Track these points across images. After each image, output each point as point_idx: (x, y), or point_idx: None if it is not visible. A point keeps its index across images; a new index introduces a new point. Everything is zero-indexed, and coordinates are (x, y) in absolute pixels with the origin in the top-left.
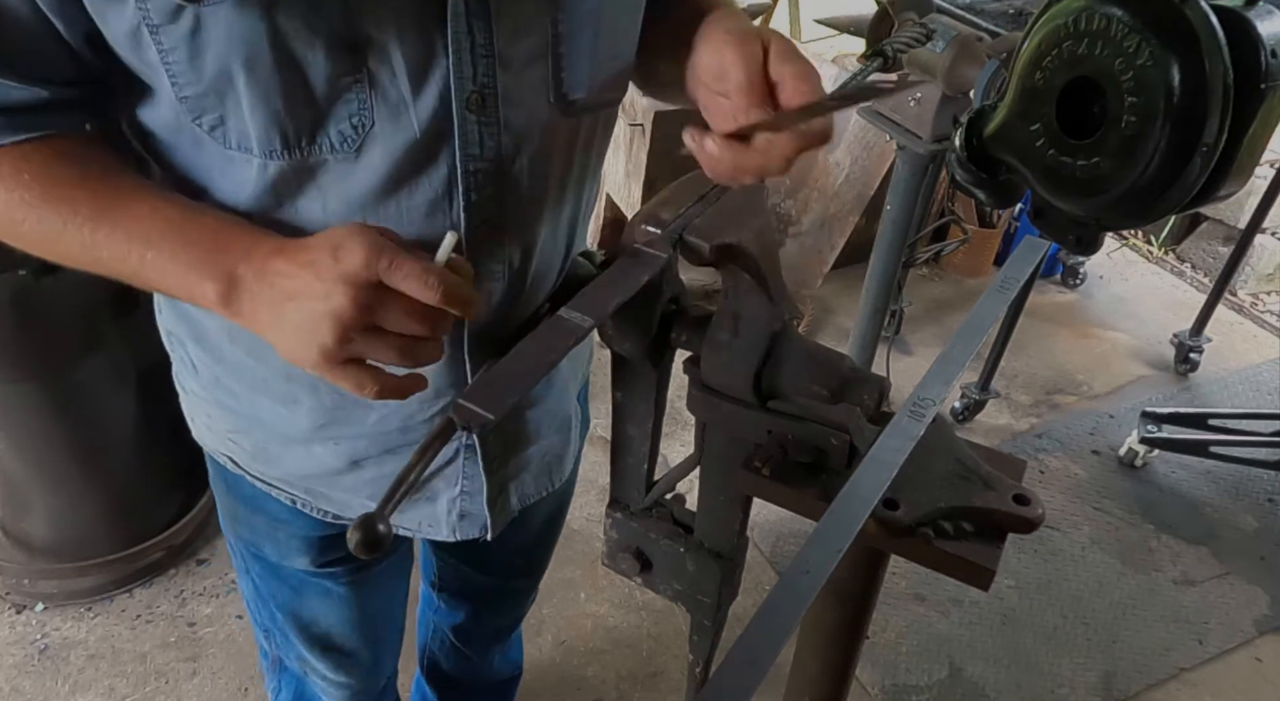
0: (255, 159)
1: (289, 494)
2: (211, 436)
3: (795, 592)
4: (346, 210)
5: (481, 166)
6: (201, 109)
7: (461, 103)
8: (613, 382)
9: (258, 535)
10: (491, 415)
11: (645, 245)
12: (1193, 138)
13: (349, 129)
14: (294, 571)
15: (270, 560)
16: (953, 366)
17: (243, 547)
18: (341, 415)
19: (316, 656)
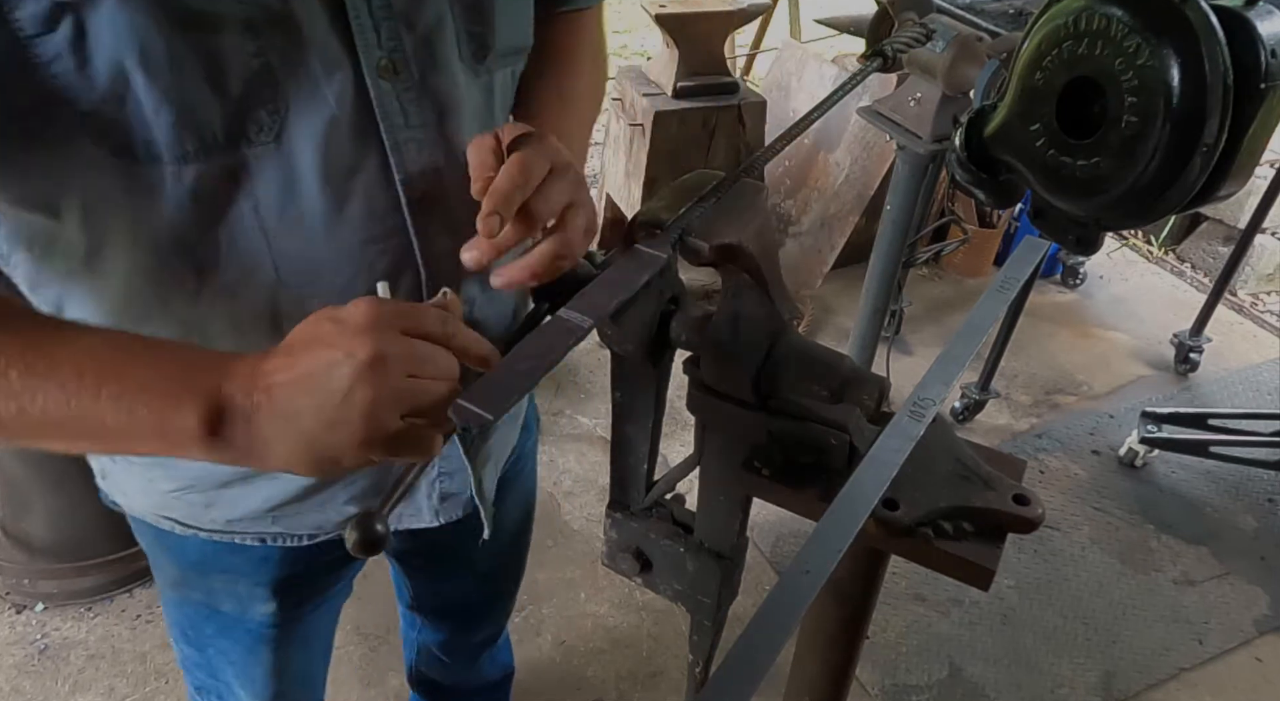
0: (168, 167)
1: (255, 534)
2: (149, 501)
3: (795, 592)
4: (280, 209)
5: (411, 137)
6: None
7: (373, 71)
8: (613, 383)
9: (214, 594)
10: (491, 415)
11: (645, 245)
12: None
13: (265, 116)
14: (255, 625)
15: (226, 619)
16: (953, 366)
17: (192, 612)
18: None
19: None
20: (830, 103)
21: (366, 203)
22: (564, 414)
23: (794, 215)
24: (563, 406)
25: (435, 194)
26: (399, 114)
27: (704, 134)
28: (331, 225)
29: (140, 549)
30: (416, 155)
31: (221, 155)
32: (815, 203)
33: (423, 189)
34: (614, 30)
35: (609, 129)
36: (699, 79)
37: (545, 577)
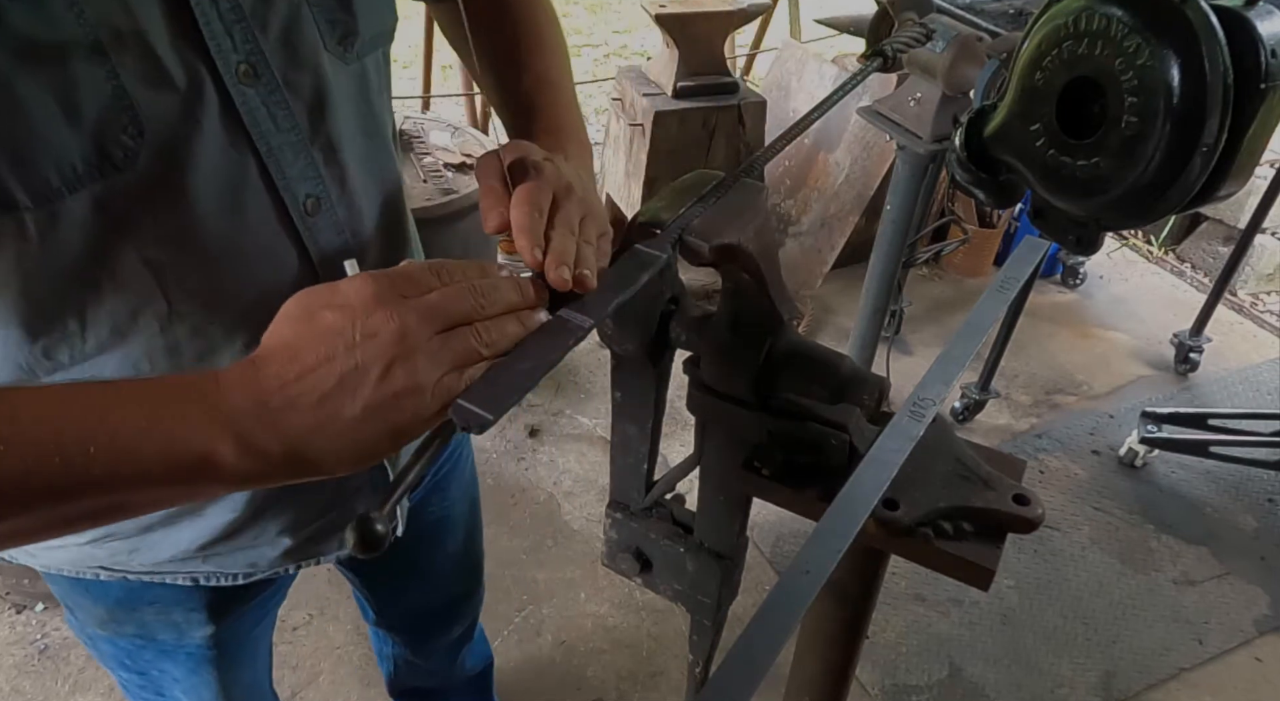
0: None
1: (187, 573)
2: (64, 555)
3: (795, 592)
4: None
5: (285, 141)
6: None
7: (233, 78)
8: (612, 383)
9: (147, 626)
10: (491, 416)
11: (645, 245)
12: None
13: (127, 140)
14: (194, 647)
15: (166, 644)
16: (953, 366)
17: (126, 643)
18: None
19: None
20: (830, 103)
21: (255, 216)
22: (564, 414)
23: (794, 215)
24: (563, 406)
25: (321, 195)
26: (268, 119)
27: (704, 134)
28: (222, 246)
29: None
30: (294, 158)
31: (86, 190)
32: (815, 203)
33: (306, 192)
34: (614, 30)
35: (609, 129)
36: (699, 79)
37: (545, 577)
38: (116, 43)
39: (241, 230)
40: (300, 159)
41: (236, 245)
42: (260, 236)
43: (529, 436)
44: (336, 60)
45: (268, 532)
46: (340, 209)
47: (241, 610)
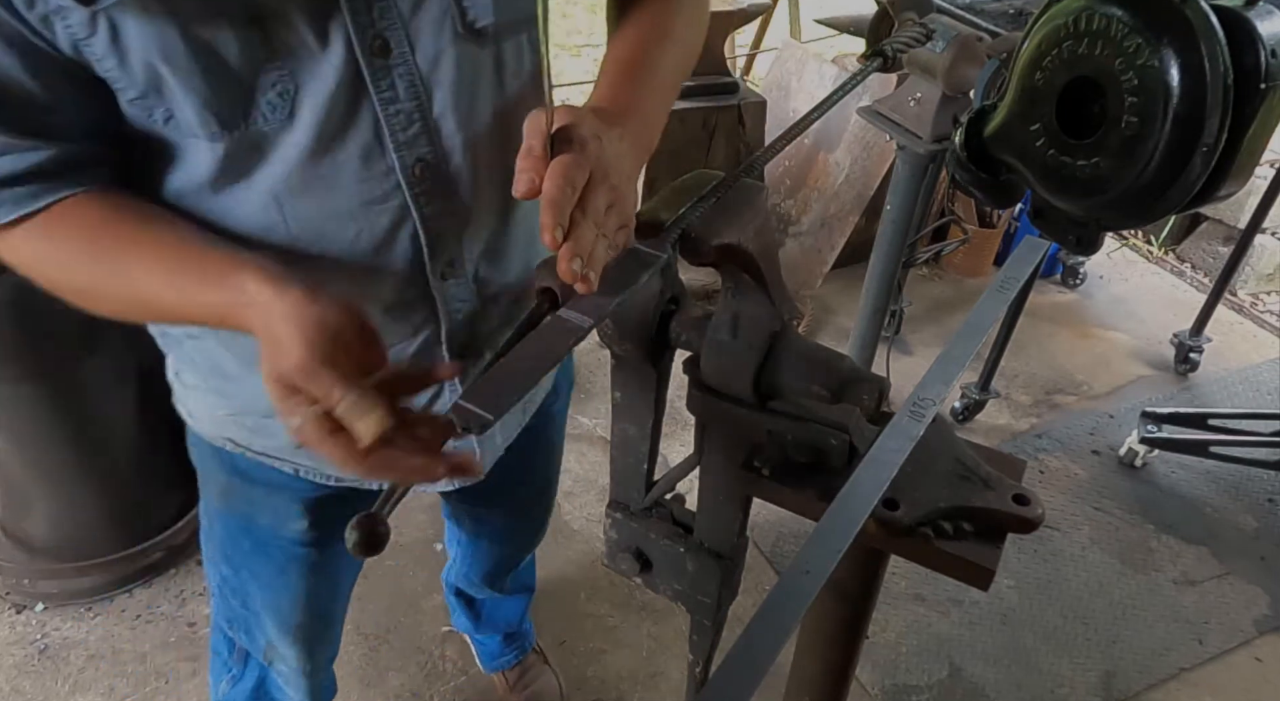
0: (203, 142)
1: (292, 463)
2: (211, 424)
3: (795, 592)
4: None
5: (402, 108)
6: (149, 108)
7: (366, 50)
8: (612, 383)
9: (254, 505)
10: (491, 416)
11: (645, 245)
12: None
13: (276, 98)
14: (287, 542)
15: (263, 532)
16: (953, 366)
17: (233, 524)
18: None
19: (288, 640)
20: (830, 103)
21: (364, 170)
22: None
23: (794, 215)
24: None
25: (427, 159)
26: (389, 89)
27: (704, 134)
28: (333, 191)
29: (140, 549)
30: (406, 125)
31: (240, 133)
32: (815, 203)
33: (415, 155)
34: None
35: None
36: (699, 79)
37: (545, 576)
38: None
39: (353, 177)
40: (414, 127)
41: (347, 190)
42: (370, 188)
43: None
44: (468, 42)
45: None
46: (451, 179)
47: (334, 518)
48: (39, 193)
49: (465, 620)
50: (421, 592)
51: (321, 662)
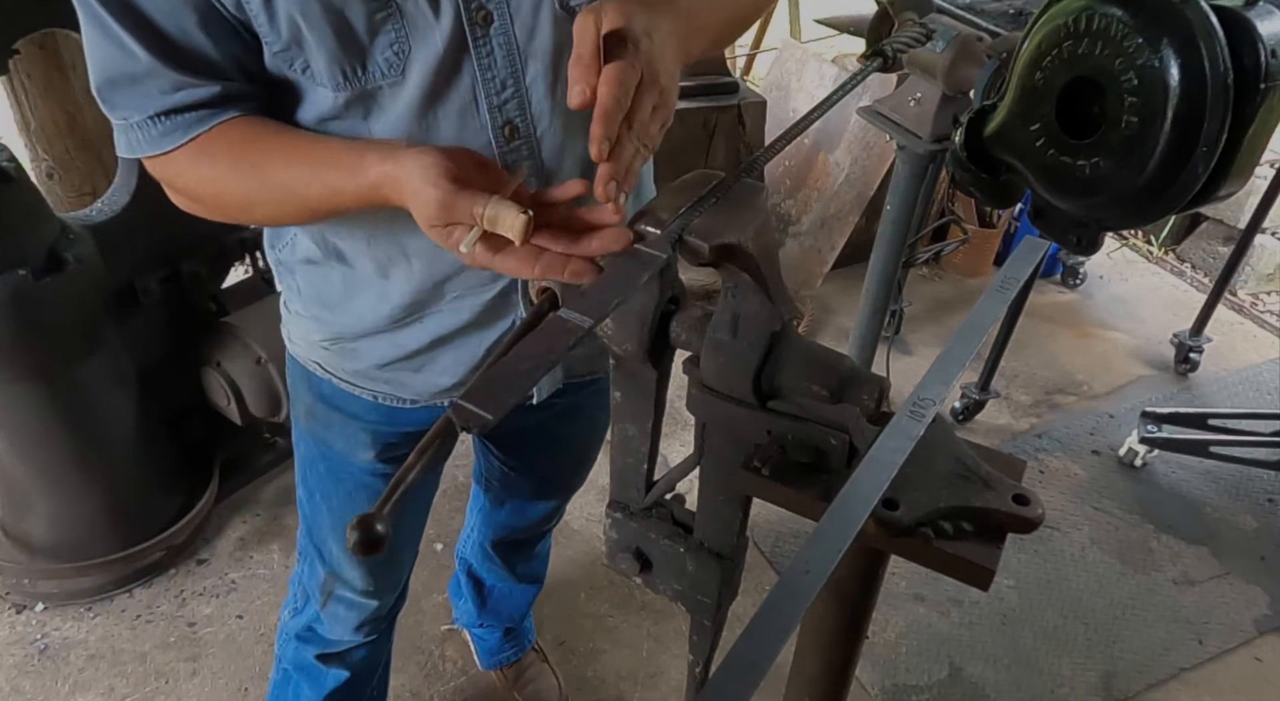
0: (328, 91)
1: (370, 390)
2: (306, 347)
3: (795, 592)
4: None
5: (498, 75)
6: (290, 59)
7: (471, 19)
8: (612, 382)
9: (330, 430)
10: (490, 415)
11: (645, 245)
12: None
13: (392, 56)
14: (356, 469)
15: (337, 456)
16: (953, 366)
17: (312, 447)
18: (424, 296)
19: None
20: (830, 103)
21: (460, 129)
22: None
23: (794, 215)
24: None
25: (515, 123)
26: (487, 56)
27: (704, 134)
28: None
29: (140, 548)
30: (500, 91)
31: (359, 85)
32: (815, 203)
33: (504, 118)
34: None
35: None
36: (699, 79)
37: (546, 577)
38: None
39: (449, 134)
40: (507, 90)
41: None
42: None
43: None
44: (562, 13)
45: (438, 363)
46: (536, 143)
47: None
48: (205, 117)
49: (470, 608)
50: (421, 592)
51: (384, 590)
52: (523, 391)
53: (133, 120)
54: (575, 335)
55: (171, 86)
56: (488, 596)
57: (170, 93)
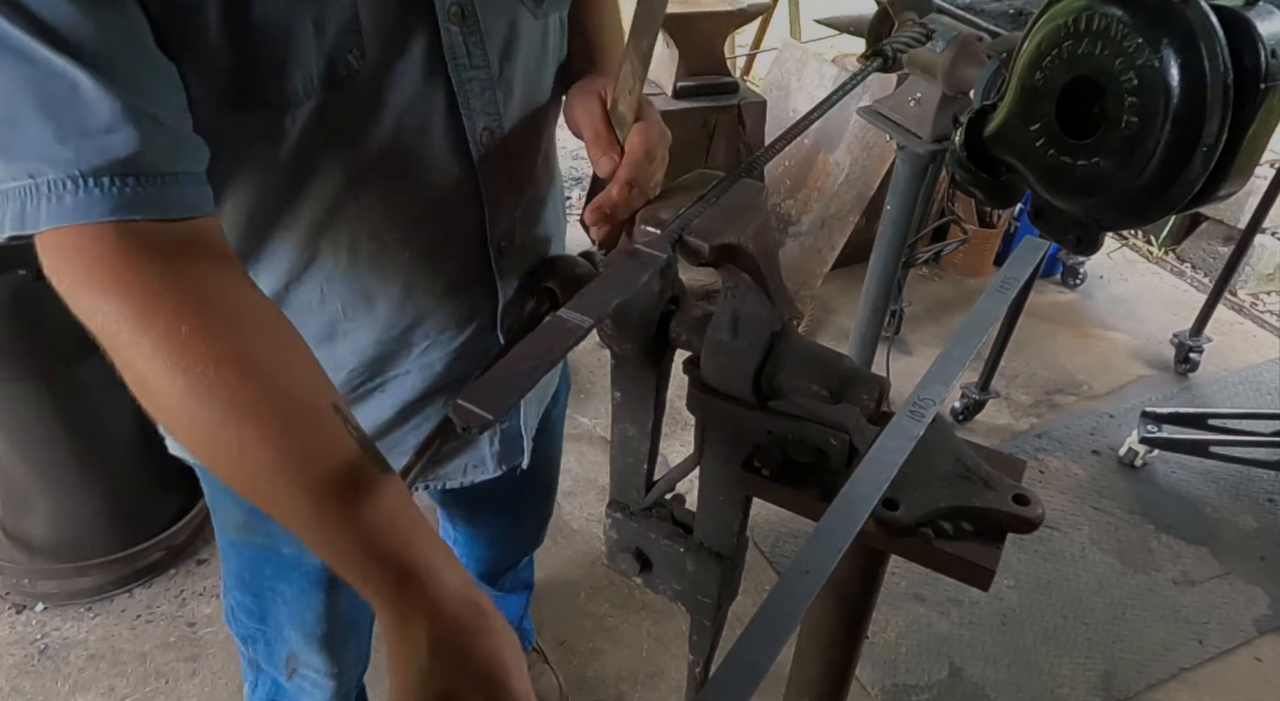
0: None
1: None
2: None
3: (795, 592)
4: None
5: (474, 76)
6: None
7: (445, 16)
8: (612, 382)
9: (275, 536)
10: (490, 415)
11: (645, 245)
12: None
13: (351, 60)
14: (310, 567)
15: (287, 558)
16: (953, 366)
17: (253, 555)
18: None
19: (313, 648)
20: (830, 103)
21: (436, 137)
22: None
23: (794, 215)
24: None
25: (494, 130)
26: (465, 56)
27: (704, 134)
28: (404, 158)
29: (140, 548)
30: (479, 93)
31: (315, 99)
32: (815, 203)
33: (484, 124)
34: None
35: None
36: (699, 79)
37: (545, 577)
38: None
39: (422, 150)
40: (485, 94)
41: (416, 163)
42: (437, 158)
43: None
44: (528, 13)
45: (406, 443)
46: (510, 144)
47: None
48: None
49: None
50: None
51: (349, 666)
52: (523, 391)
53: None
54: (575, 335)
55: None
56: None
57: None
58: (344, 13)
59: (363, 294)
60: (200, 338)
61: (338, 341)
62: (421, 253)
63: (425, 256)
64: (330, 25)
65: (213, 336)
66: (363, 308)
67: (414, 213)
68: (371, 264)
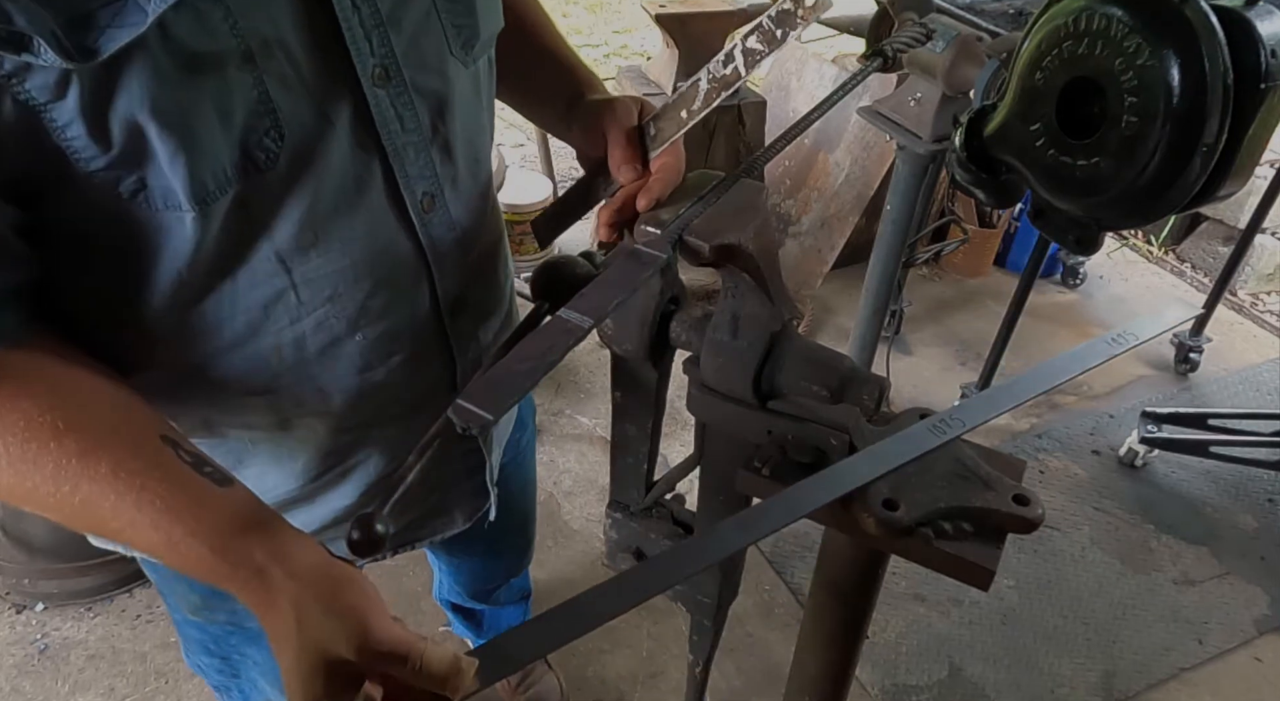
0: (188, 214)
1: None
2: None
3: (732, 533)
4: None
5: (409, 141)
6: (116, 178)
7: (369, 80)
8: (613, 382)
9: (238, 615)
10: (491, 416)
11: (645, 245)
12: (1193, 138)
13: (269, 143)
14: None
15: (253, 630)
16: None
17: (217, 630)
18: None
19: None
20: (830, 103)
21: (376, 212)
22: (564, 414)
23: (794, 215)
24: (563, 406)
25: (435, 194)
26: (395, 120)
27: (704, 134)
28: (346, 240)
29: None
30: (415, 157)
31: (233, 191)
32: (815, 203)
33: (424, 189)
34: (614, 30)
35: None
36: None
37: (545, 577)
38: (264, 51)
39: (363, 225)
40: (420, 158)
41: (357, 239)
42: (379, 231)
43: None
44: (458, 63)
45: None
46: (453, 206)
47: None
48: None
49: (466, 630)
50: (422, 592)
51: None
52: (523, 392)
53: None
54: (575, 335)
55: None
56: (481, 620)
57: None
58: (248, 94)
59: (315, 388)
60: (21, 421)
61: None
62: (373, 334)
63: (377, 337)
64: (237, 109)
65: (34, 413)
66: (315, 402)
67: (359, 290)
68: (321, 355)
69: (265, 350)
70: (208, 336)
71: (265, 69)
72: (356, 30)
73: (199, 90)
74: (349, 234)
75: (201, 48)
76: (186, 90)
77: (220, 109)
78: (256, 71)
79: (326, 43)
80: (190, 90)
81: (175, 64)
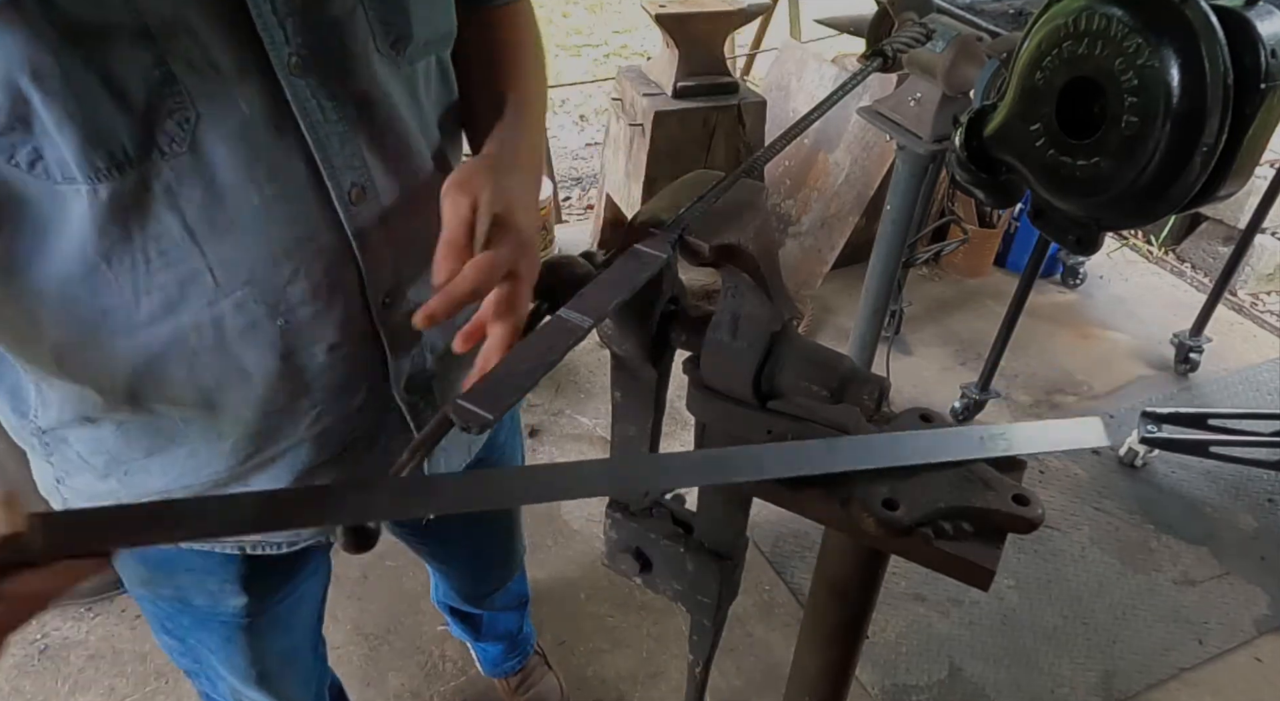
0: (83, 187)
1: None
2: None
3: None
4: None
5: (333, 131)
6: (10, 147)
7: (284, 69)
8: (612, 382)
9: (184, 590)
10: (490, 415)
11: (645, 245)
12: (1193, 138)
13: (174, 126)
14: (229, 616)
15: (200, 611)
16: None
17: (166, 606)
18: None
19: (251, 687)
20: (830, 103)
21: (298, 200)
22: (564, 414)
23: (794, 215)
24: (563, 406)
25: (365, 185)
26: (317, 110)
27: (704, 134)
28: (264, 226)
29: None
30: (340, 148)
31: (135, 170)
32: (815, 203)
33: (352, 180)
34: (614, 30)
35: (609, 129)
36: (699, 79)
37: (545, 577)
38: (165, 29)
39: (281, 211)
40: (347, 148)
41: (278, 226)
42: (300, 219)
43: (529, 436)
44: (387, 60)
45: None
46: (386, 198)
47: (276, 585)
48: None
49: (464, 632)
50: (421, 592)
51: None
52: (524, 391)
53: None
54: (575, 335)
55: None
56: (479, 622)
57: None
58: (149, 72)
59: (236, 369)
60: None
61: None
62: (297, 322)
63: (303, 325)
64: (135, 86)
65: None
66: (238, 382)
67: (279, 276)
68: (242, 337)
69: (184, 328)
70: (124, 310)
71: (169, 49)
72: (269, 18)
73: (85, 60)
74: (265, 219)
75: (87, 17)
76: (70, 58)
77: (111, 82)
78: (156, 49)
79: (239, 29)
80: (73, 58)
81: (58, 32)
